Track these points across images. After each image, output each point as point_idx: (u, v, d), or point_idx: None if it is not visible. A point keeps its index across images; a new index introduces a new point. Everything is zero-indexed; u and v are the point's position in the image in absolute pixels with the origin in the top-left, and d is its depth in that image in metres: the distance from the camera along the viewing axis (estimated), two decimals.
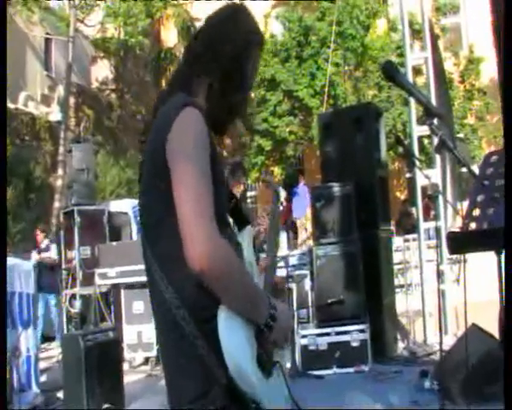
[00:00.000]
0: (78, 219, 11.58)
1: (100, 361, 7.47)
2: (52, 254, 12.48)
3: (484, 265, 6.29)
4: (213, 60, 2.50)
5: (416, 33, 20.19)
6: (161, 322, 2.45)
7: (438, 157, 10.19)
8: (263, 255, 6.61)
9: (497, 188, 3.05)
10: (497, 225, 2.91)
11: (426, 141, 17.01)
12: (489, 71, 24.54)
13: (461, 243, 3.26)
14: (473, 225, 3.08)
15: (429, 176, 7.66)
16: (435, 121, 3.04)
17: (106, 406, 7.50)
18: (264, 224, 9.52)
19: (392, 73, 3.01)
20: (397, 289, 11.05)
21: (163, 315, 2.40)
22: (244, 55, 2.55)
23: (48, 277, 12.02)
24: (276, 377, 2.44)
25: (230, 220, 2.61)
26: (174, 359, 2.39)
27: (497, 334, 6.40)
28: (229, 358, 2.20)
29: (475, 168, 3.51)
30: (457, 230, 3.42)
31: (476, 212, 3.10)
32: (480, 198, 3.12)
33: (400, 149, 21.64)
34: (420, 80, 17.82)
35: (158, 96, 2.62)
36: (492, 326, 6.36)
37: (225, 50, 2.51)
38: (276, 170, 24.99)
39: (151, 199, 2.42)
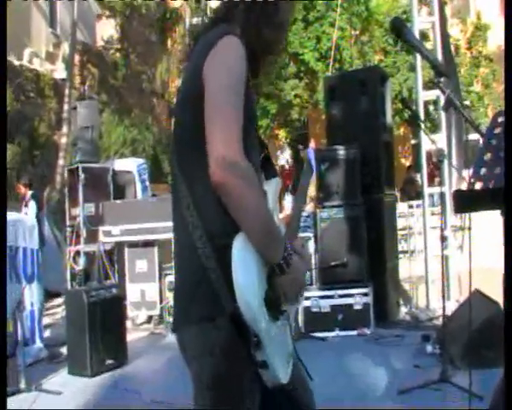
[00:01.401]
0: (82, 176, 11.53)
1: (103, 317, 7.55)
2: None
3: (488, 231, 6.30)
4: None
5: None
6: (178, 241, 2.48)
7: (444, 123, 10.15)
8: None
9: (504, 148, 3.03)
10: (503, 184, 2.89)
11: (431, 108, 16.97)
12: (496, 38, 24.48)
13: (466, 201, 3.23)
14: (479, 185, 3.05)
15: (435, 140, 7.65)
16: (443, 80, 3.03)
17: (109, 361, 7.59)
18: None
19: (400, 29, 2.98)
20: (400, 255, 11.08)
21: (181, 233, 2.43)
22: None
23: None
24: (281, 325, 2.43)
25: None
26: (185, 279, 2.42)
27: (500, 300, 6.43)
28: (238, 288, 2.20)
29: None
30: (463, 188, 3.40)
31: (483, 171, 3.08)
32: (486, 157, 3.10)
33: (406, 115, 21.60)
34: (426, 46, 17.73)
35: (200, 27, 2.65)
36: (496, 293, 6.39)
37: None
38: (281, 133, 24.96)
39: (186, 118, 2.44)
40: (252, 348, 2.29)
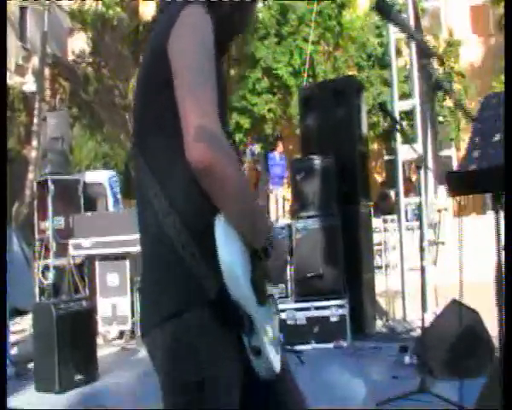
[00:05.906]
0: (51, 188, 11.25)
1: (73, 331, 7.30)
2: None
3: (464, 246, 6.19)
4: None
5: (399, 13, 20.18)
6: (147, 237, 2.27)
7: (420, 136, 10.06)
8: None
9: (497, 129, 2.90)
10: (498, 163, 2.76)
11: (405, 123, 16.96)
12: (468, 55, 24.74)
13: (461, 183, 3.11)
14: (472, 167, 2.93)
15: (414, 148, 7.54)
16: (430, 61, 2.91)
17: (78, 377, 7.34)
18: None
19: (386, 10, 2.84)
20: (375, 270, 10.93)
21: (150, 228, 2.23)
22: None
23: None
24: (267, 310, 2.25)
25: None
26: (156, 274, 2.20)
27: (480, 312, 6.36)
28: (225, 265, 2.01)
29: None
30: (457, 170, 3.27)
31: (475, 153, 2.95)
32: (478, 140, 2.98)
33: (380, 129, 21.67)
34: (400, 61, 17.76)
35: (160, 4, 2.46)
36: (472, 306, 6.31)
37: None
38: (255, 148, 24.91)
39: (148, 105, 2.27)
40: (244, 332, 2.12)
